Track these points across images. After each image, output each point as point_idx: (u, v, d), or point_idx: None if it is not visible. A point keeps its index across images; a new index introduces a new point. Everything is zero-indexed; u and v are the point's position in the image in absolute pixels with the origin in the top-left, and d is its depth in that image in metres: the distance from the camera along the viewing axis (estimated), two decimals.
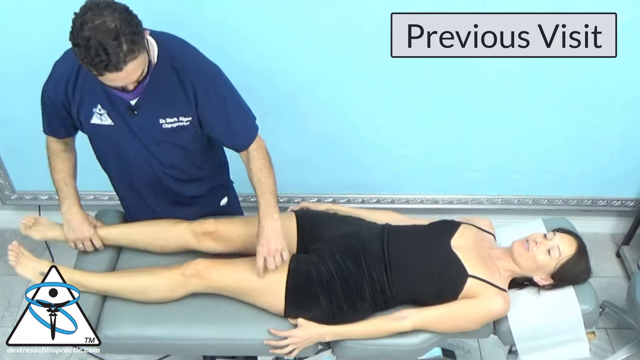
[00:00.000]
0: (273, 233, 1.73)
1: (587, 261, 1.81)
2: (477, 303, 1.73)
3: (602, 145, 2.55)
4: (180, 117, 1.71)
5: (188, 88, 1.67)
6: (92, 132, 1.77)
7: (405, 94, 2.36)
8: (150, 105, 1.68)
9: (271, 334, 1.77)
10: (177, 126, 1.73)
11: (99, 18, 1.40)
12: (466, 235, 1.84)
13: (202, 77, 1.68)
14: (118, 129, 1.73)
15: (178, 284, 1.78)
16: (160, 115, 1.70)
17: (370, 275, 1.78)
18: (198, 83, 1.67)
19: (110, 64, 1.41)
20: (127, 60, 1.43)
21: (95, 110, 1.71)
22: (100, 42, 1.39)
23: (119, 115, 1.70)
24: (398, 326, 1.75)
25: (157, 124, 1.71)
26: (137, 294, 1.80)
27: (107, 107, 1.69)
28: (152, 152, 1.78)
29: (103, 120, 1.72)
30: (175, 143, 1.77)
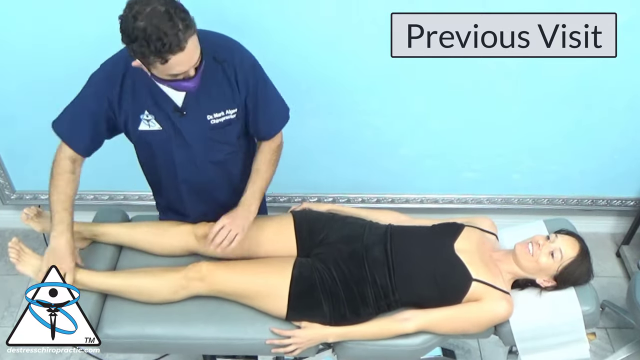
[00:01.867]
0: (244, 219, 1.76)
1: (589, 263, 1.81)
2: (481, 307, 1.73)
3: (602, 145, 2.55)
4: (227, 110, 1.73)
5: (232, 79, 1.69)
6: (140, 139, 1.77)
7: (405, 94, 2.36)
8: (197, 103, 1.70)
9: (274, 334, 1.77)
10: (224, 120, 1.74)
11: (147, 7, 1.42)
12: (469, 238, 1.84)
13: (243, 67, 1.71)
14: (166, 133, 1.73)
15: (181, 286, 1.78)
16: (207, 111, 1.72)
17: (374, 279, 1.77)
18: (241, 74, 1.70)
19: (173, 44, 1.43)
20: (186, 37, 1.45)
21: (142, 117, 1.71)
22: (157, 27, 1.41)
23: (166, 119, 1.71)
24: (401, 328, 1.75)
25: (205, 121, 1.73)
26: (139, 295, 1.80)
27: (154, 112, 1.70)
28: (200, 152, 1.78)
29: (151, 126, 1.73)
30: (223, 139, 1.79)
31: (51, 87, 2.34)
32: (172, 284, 1.78)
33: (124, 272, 1.89)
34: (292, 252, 1.88)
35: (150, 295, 1.79)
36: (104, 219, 2.04)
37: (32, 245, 2.85)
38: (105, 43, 1.77)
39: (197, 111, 1.71)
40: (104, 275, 1.84)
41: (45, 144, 2.55)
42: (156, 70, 1.51)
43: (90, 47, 2.07)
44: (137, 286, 1.80)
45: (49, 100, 2.37)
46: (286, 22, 2.13)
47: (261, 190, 1.82)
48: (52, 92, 2.36)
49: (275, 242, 1.89)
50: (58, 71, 2.29)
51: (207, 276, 1.77)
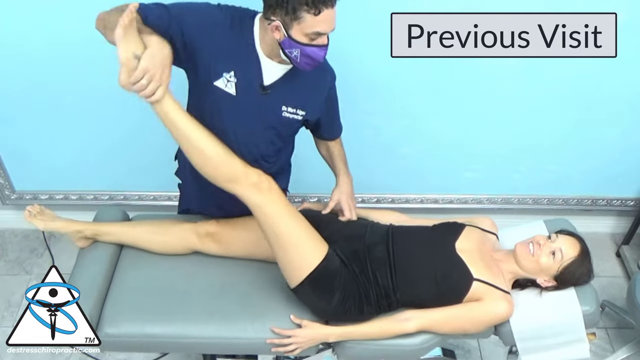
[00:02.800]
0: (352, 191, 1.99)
1: (589, 263, 1.81)
2: (481, 306, 1.73)
3: (602, 145, 2.56)
4: (299, 109, 1.77)
5: (321, 85, 1.79)
6: (205, 92, 1.69)
7: (405, 94, 2.36)
8: (282, 90, 1.72)
9: (274, 333, 1.77)
10: (292, 118, 1.77)
11: None
12: (470, 238, 1.84)
13: (331, 76, 1.83)
14: (236, 102, 1.70)
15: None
16: (286, 102, 1.74)
17: (376, 279, 1.77)
18: (328, 82, 1.82)
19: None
20: None
21: (225, 74, 1.67)
22: None
23: (246, 91, 1.69)
24: (402, 328, 1.75)
25: (279, 110, 1.75)
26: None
27: (239, 77, 1.67)
28: (255, 136, 1.77)
29: (227, 88, 1.68)
30: (281, 133, 1.81)
31: (51, 87, 2.34)
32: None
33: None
34: None
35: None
36: (103, 219, 2.04)
37: (32, 246, 2.87)
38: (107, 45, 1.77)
39: (277, 97, 1.72)
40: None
41: (45, 144, 2.57)
42: (299, 28, 1.53)
43: (90, 48, 2.07)
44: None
45: (49, 100, 2.38)
46: None
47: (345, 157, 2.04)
48: (52, 92, 2.37)
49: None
50: (58, 71, 2.29)
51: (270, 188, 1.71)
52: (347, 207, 1.94)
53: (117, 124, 2.44)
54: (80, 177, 2.68)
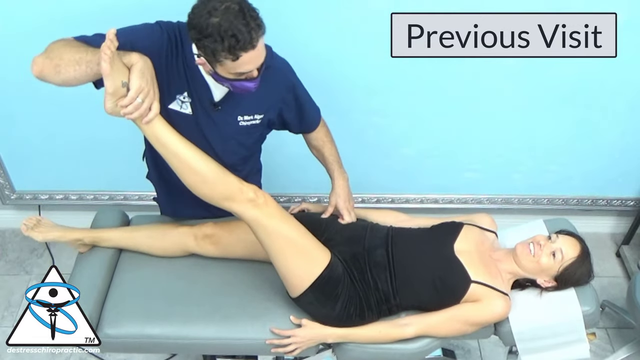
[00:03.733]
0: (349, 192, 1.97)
1: (590, 263, 1.81)
2: (478, 308, 1.73)
3: (602, 145, 2.55)
4: (256, 114, 1.76)
5: (272, 86, 1.72)
6: (165, 116, 1.66)
7: (405, 94, 2.36)
8: (233, 103, 1.71)
9: (274, 334, 1.77)
10: (251, 124, 1.76)
11: (221, 4, 1.43)
12: (468, 238, 1.83)
13: (284, 75, 1.76)
14: (194, 120, 1.71)
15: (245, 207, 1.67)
16: (240, 112, 1.73)
17: (376, 284, 1.77)
18: (281, 81, 1.75)
19: (246, 42, 1.44)
20: (257, 37, 1.47)
21: (179, 96, 1.68)
22: (231, 23, 1.42)
23: (201, 109, 1.70)
24: (401, 333, 1.75)
25: (235, 121, 1.74)
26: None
27: (192, 97, 1.68)
28: (217, 150, 1.78)
29: (183, 109, 1.70)
30: (243, 142, 1.80)
31: (51, 87, 2.34)
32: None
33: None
34: None
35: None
36: (103, 220, 2.04)
37: (32, 246, 2.87)
38: None
39: (231, 110, 1.72)
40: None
41: (45, 144, 2.57)
42: (223, 68, 1.51)
43: None
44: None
45: (49, 100, 2.38)
46: (286, 23, 2.13)
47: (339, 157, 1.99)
48: (52, 92, 2.36)
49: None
50: None
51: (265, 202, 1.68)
52: (345, 211, 1.93)
53: (117, 124, 2.43)
54: (80, 177, 2.68)
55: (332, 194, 1.96)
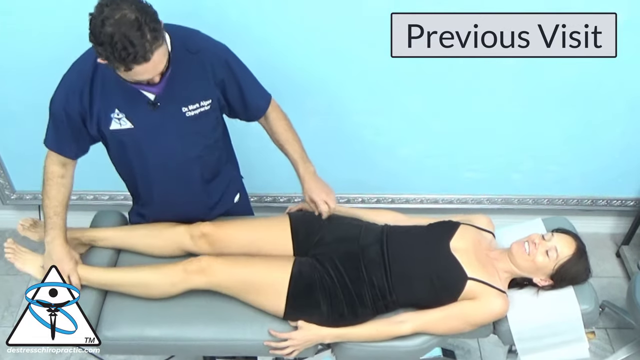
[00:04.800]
0: (318, 180, 1.87)
1: (586, 261, 1.81)
2: (476, 305, 1.73)
3: (602, 145, 2.55)
4: (202, 101, 1.72)
5: (207, 69, 1.69)
6: (113, 139, 1.74)
7: (405, 94, 2.36)
8: (171, 96, 1.67)
9: (271, 335, 1.77)
10: (199, 112, 1.73)
11: (118, 12, 1.40)
12: (465, 237, 1.84)
13: (216, 55, 1.71)
14: (139, 130, 1.70)
15: (180, 279, 1.77)
16: (182, 103, 1.70)
17: (371, 281, 1.77)
18: (215, 61, 1.70)
19: (138, 55, 1.42)
20: (153, 49, 1.44)
21: (112, 115, 1.68)
22: (124, 34, 1.39)
23: (139, 116, 1.68)
24: (398, 330, 1.75)
25: (181, 114, 1.71)
26: (137, 287, 1.80)
27: (125, 110, 1.67)
28: (175, 147, 1.76)
29: (122, 125, 1.69)
30: (199, 132, 1.77)
31: (51, 87, 2.34)
32: (171, 277, 1.78)
33: (122, 267, 1.90)
34: (288, 253, 1.88)
35: (149, 288, 1.79)
36: (101, 222, 2.04)
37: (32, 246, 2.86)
38: None
39: (171, 104, 1.69)
40: (102, 270, 1.85)
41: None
42: (120, 74, 1.50)
43: None
44: (136, 278, 1.80)
45: (49, 100, 2.38)
46: (286, 23, 2.13)
47: (302, 149, 1.90)
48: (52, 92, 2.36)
49: (272, 244, 1.89)
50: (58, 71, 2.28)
51: (207, 269, 1.77)
52: (321, 202, 1.84)
53: None
54: (80, 177, 2.67)
55: (304, 192, 1.89)
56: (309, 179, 1.86)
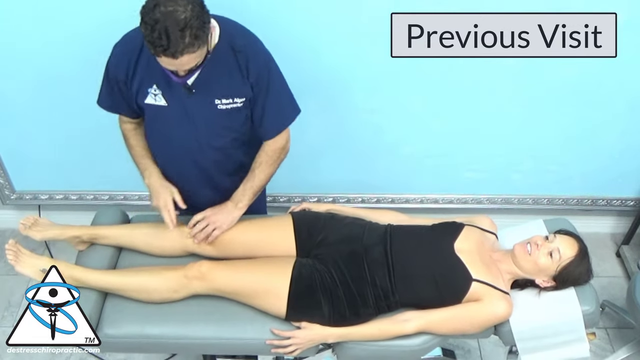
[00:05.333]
0: (227, 214, 1.85)
1: (588, 263, 1.81)
2: (481, 307, 1.73)
3: (602, 145, 2.55)
4: (235, 98, 1.75)
5: (244, 69, 1.72)
6: (146, 112, 1.81)
7: (405, 94, 2.36)
8: (207, 86, 1.72)
9: (274, 334, 1.77)
10: (231, 108, 1.76)
11: (172, 5, 1.45)
12: (469, 238, 1.84)
13: (257, 60, 1.74)
14: (171, 110, 1.75)
15: (180, 285, 1.78)
16: (216, 95, 1.74)
17: (374, 280, 1.77)
18: (253, 65, 1.72)
19: (168, 50, 1.47)
20: (184, 52, 1.49)
21: (150, 90, 1.74)
22: (166, 28, 1.44)
23: (174, 96, 1.73)
24: (401, 329, 1.75)
25: (213, 105, 1.75)
26: (138, 292, 1.80)
27: (162, 88, 1.72)
28: (203, 134, 1.80)
29: (157, 101, 1.75)
30: (227, 125, 1.81)
31: (51, 87, 2.34)
32: (172, 283, 1.78)
33: (123, 270, 1.89)
34: (291, 252, 1.88)
35: (149, 293, 1.79)
36: (103, 219, 2.04)
37: (32, 246, 2.86)
38: (106, 45, 1.77)
39: (205, 93, 1.73)
40: (102, 272, 1.84)
41: (45, 144, 2.57)
42: None
43: (90, 48, 2.07)
44: (136, 284, 1.80)
45: (49, 100, 2.38)
46: (286, 23, 2.13)
47: (253, 189, 1.86)
48: (52, 92, 2.37)
49: (274, 243, 1.89)
50: (58, 71, 2.29)
51: (207, 275, 1.77)
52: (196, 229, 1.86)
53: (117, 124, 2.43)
54: (80, 177, 2.68)
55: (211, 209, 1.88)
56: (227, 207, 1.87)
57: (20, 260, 1.80)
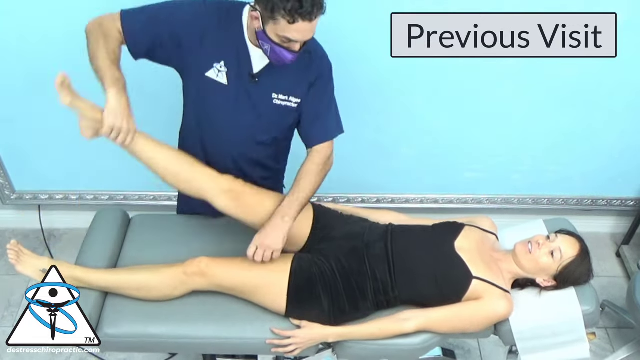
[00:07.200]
0: (277, 231, 1.75)
1: (589, 263, 1.81)
2: (481, 305, 1.73)
3: (602, 145, 2.56)
4: (292, 97, 1.77)
5: (310, 71, 1.74)
6: (197, 84, 1.74)
7: (405, 94, 2.36)
8: (271, 78, 1.73)
9: (274, 334, 1.77)
10: (285, 105, 1.77)
11: None
12: (470, 237, 1.84)
13: (322, 64, 1.78)
14: (229, 91, 1.74)
15: (180, 281, 1.78)
16: (275, 89, 1.75)
17: (374, 274, 1.78)
18: (318, 68, 1.76)
19: (306, 12, 1.51)
20: (318, 13, 1.54)
21: (216, 65, 1.72)
22: None
23: (237, 79, 1.73)
24: (401, 328, 1.75)
25: (270, 98, 1.76)
26: (138, 291, 1.80)
27: (229, 66, 1.71)
28: (249, 125, 1.80)
29: (219, 78, 1.73)
30: (276, 122, 1.81)
31: (51, 87, 2.34)
32: (172, 279, 1.78)
33: (123, 269, 1.88)
34: (301, 241, 1.88)
35: (149, 291, 1.79)
36: (103, 219, 2.04)
37: (32, 246, 2.87)
38: None
39: (267, 85, 1.74)
40: (102, 272, 1.84)
41: (45, 144, 2.57)
42: (273, 27, 1.55)
43: None
44: (136, 282, 1.79)
45: (49, 100, 2.38)
46: None
47: (299, 200, 1.78)
48: (52, 92, 2.36)
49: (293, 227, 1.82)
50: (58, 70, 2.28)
51: (206, 271, 1.77)
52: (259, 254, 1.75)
53: None
54: (80, 177, 2.68)
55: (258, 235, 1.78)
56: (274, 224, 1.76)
57: (22, 261, 1.80)
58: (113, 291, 1.82)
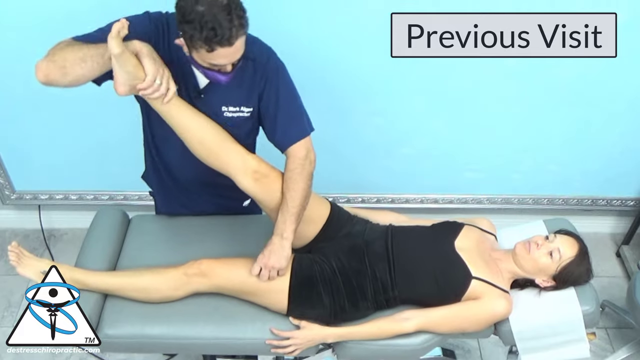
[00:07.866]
0: (278, 250, 1.73)
1: (588, 263, 1.81)
2: (480, 305, 1.74)
3: (602, 145, 2.56)
4: (242, 107, 1.74)
5: (256, 78, 1.70)
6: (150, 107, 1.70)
7: (405, 94, 2.36)
8: (217, 92, 1.70)
9: (273, 334, 1.77)
10: (237, 116, 1.75)
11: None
12: (469, 237, 1.84)
13: (267, 69, 1.71)
14: None
15: (181, 283, 1.77)
16: (224, 102, 1.73)
17: (374, 273, 1.78)
18: (264, 75, 1.71)
19: (224, 37, 1.45)
20: (237, 35, 1.47)
21: None
22: (215, 15, 1.43)
23: (186, 94, 1.71)
24: (401, 328, 1.75)
25: (219, 111, 1.73)
26: (138, 292, 1.79)
27: (178, 82, 1.67)
28: None
29: None
30: (233, 133, 1.76)
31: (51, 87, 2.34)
32: (172, 281, 1.77)
33: (123, 272, 1.88)
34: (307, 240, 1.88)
35: (150, 292, 1.79)
36: (103, 219, 2.04)
37: (32, 246, 2.87)
38: None
39: (214, 99, 1.72)
40: (102, 274, 1.84)
41: (45, 144, 2.57)
42: (198, 55, 1.52)
43: None
44: (137, 284, 1.79)
45: (49, 100, 2.38)
46: (286, 23, 2.13)
47: (290, 212, 1.73)
48: (52, 92, 2.36)
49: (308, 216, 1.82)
50: None
51: (207, 272, 1.77)
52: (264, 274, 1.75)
53: (117, 124, 2.44)
54: (80, 177, 2.68)
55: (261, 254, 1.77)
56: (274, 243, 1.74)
57: (22, 262, 1.79)
58: (113, 293, 1.82)
